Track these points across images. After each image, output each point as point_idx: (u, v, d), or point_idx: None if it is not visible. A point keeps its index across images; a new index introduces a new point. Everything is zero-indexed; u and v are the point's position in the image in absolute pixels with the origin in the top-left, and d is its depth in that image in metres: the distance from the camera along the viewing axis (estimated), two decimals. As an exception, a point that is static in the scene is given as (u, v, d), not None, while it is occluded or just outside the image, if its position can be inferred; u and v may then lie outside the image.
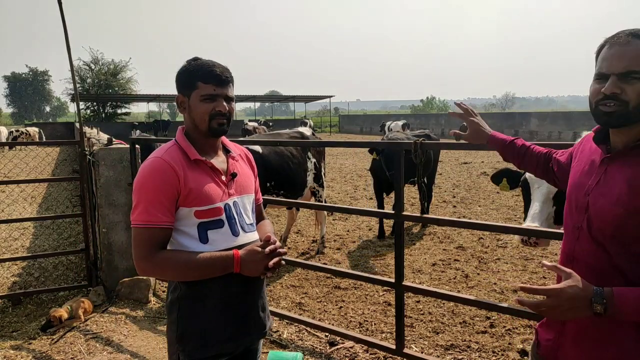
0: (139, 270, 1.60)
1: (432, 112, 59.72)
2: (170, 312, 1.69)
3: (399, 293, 3.10)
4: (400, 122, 23.62)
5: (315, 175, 5.72)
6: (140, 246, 1.56)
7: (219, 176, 1.68)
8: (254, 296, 1.73)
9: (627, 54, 1.26)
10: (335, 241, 6.33)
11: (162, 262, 1.56)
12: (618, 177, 1.31)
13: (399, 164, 3.01)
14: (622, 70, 1.26)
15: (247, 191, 1.79)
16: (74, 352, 3.46)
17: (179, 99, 1.68)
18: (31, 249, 6.36)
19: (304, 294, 4.59)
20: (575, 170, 1.52)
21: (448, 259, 5.46)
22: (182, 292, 1.65)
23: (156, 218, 1.56)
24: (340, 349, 3.44)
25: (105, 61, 44.02)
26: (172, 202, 1.58)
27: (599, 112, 1.31)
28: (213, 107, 1.62)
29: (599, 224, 1.32)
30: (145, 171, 1.59)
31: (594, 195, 1.36)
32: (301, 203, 4.33)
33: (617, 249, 1.29)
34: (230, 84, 1.67)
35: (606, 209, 1.30)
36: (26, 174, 10.74)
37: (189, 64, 1.67)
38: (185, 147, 1.65)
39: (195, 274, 1.59)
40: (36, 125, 31.43)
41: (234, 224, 1.68)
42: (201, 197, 1.61)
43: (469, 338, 3.59)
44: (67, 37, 4.23)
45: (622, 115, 1.27)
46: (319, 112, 68.52)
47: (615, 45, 1.29)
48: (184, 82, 1.66)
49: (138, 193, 1.58)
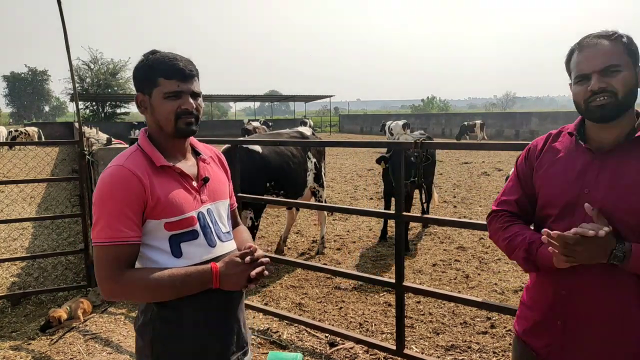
0: (105, 294, 1.42)
1: (432, 111, 59.73)
2: (142, 335, 1.51)
3: (399, 293, 3.09)
4: (401, 122, 23.56)
5: (315, 175, 5.71)
6: (105, 266, 1.39)
7: (189, 182, 1.52)
8: (234, 311, 1.58)
9: (600, 52, 1.39)
10: (335, 241, 6.32)
11: (130, 282, 1.39)
12: (625, 169, 1.38)
13: (400, 163, 3.00)
14: (601, 67, 1.38)
15: (221, 197, 1.63)
16: (73, 353, 3.45)
17: (139, 98, 1.51)
18: (30, 249, 6.35)
19: (304, 294, 4.58)
20: (553, 171, 1.52)
21: (448, 260, 5.45)
22: (155, 313, 1.48)
23: (121, 234, 1.38)
24: (340, 349, 3.43)
25: (104, 61, 44.09)
26: (138, 215, 1.41)
27: (592, 108, 1.40)
28: (179, 105, 1.46)
29: (619, 215, 1.36)
30: (105, 182, 1.42)
31: (597, 190, 1.40)
32: (301, 203, 4.32)
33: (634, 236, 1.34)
34: (195, 77, 1.50)
35: (624, 199, 1.36)
36: (25, 174, 10.72)
37: (146, 57, 1.50)
38: (149, 152, 1.49)
39: (170, 294, 1.42)
40: (35, 125, 31.41)
41: (209, 234, 1.53)
42: (171, 207, 1.45)
43: (470, 339, 3.58)
44: (66, 36, 4.22)
45: (615, 106, 1.38)
46: (319, 111, 68.53)
47: (586, 48, 1.42)
48: (143, 78, 1.49)
49: (98, 207, 1.41)
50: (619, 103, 1.38)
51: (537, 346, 1.55)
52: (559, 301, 1.48)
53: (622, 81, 1.37)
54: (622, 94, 1.37)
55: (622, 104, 1.38)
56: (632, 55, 1.41)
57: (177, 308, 1.47)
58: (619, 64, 1.38)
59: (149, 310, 1.51)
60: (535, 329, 1.57)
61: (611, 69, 1.37)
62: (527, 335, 1.60)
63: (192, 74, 1.49)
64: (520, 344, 1.63)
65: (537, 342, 1.55)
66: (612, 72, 1.37)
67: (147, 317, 1.50)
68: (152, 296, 1.45)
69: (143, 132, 1.56)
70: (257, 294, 4.58)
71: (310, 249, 6.07)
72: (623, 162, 1.39)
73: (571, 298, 1.46)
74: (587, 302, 1.43)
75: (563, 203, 1.46)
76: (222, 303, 1.53)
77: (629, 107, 1.41)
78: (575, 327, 1.45)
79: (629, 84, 1.38)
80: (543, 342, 1.53)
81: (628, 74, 1.38)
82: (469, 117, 30.45)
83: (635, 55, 1.41)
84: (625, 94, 1.38)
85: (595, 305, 1.41)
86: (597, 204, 1.38)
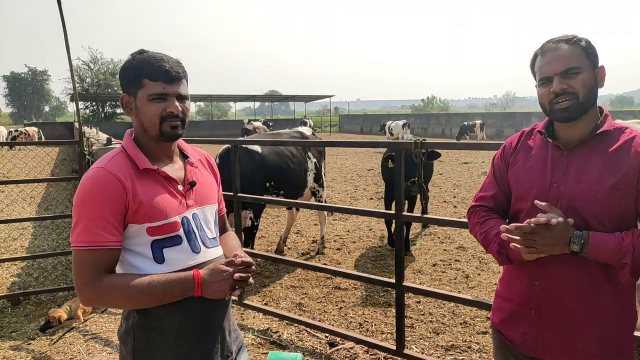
0: (83, 299, 1.38)
1: (432, 111, 59.74)
2: (124, 343, 1.47)
3: (399, 293, 3.10)
4: (401, 122, 23.59)
5: (315, 175, 5.71)
6: (83, 271, 1.34)
7: (175, 186, 1.48)
8: (218, 320, 1.53)
9: (561, 55, 1.48)
10: (335, 241, 6.32)
11: (109, 289, 1.34)
12: (590, 163, 1.48)
13: (399, 164, 3.00)
14: (562, 69, 1.46)
15: (209, 201, 1.59)
16: (73, 353, 3.45)
17: (124, 99, 1.47)
18: (30, 249, 6.35)
19: (304, 294, 4.58)
20: (526, 167, 1.61)
21: (448, 260, 5.45)
22: (135, 321, 1.44)
23: (100, 238, 1.34)
24: (340, 349, 3.43)
25: (104, 61, 44.22)
26: (118, 219, 1.37)
27: (556, 110, 1.49)
28: (164, 107, 1.42)
29: (587, 206, 1.46)
30: (86, 184, 1.38)
31: (566, 184, 1.49)
32: (301, 203, 4.32)
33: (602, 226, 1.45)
34: (182, 79, 1.46)
35: (591, 191, 1.45)
36: (25, 174, 10.72)
37: (133, 58, 1.45)
38: (133, 155, 1.44)
39: (149, 301, 1.38)
40: (35, 125, 31.42)
41: (193, 240, 1.48)
42: (153, 211, 1.41)
43: (470, 339, 3.58)
44: (66, 36, 4.22)
45: (577, 106, 1.46)
46: (319, 111, 68.54)
47: (548, 52, 1.51)
48: (128, 79, 1.44)
49: (78, 209, 1.36)
50: (580, 104, 1.46)
51: (513, 336, 1.63)
52: (533, 292, 1.55)
53: (582, 82, 1.46)
54: (583, 95, 1.46)
55: (583, 104, 1.47)
56: (590, 57, 1.49)
57: (157, 316, 1.43)
58: (578, 66, 1.46)
59: (130, 318, 1.46)
60: (510, 319, 1.64)
61: (571, 71, 1.46)
62: (502, 325, 1.67)
63: (179, 76, 1.45)
64: (497, 335, 1.71)
65: (512, 332, 1.63)
66: (572, 74, 1.46)
67: (129, 324, 1.46)
68: (131, 304, 1.41)
69: (128, 134, 1.52)
70: (257, 294, 4.58)
71: (310, 249, 6.07)
72: (588, 157, 1.49)
73: (544, 288, 1.53)
74: (559, 292, 1.50)
75: (534, 197, 1.52)
76: (205, 311, 1.48)
77: (590, 106, 1.49)
78: (549, 315, 1.53)
79: (589, 84, 1.47)
80: (518, 332, 1.61)
81: (587, 75, 1.47)
82: (469, 117, 30.47)
83: (593, 57, 1.49)
84: (586, 95, 1.46)
85: (567, 294, 1.49)
86: (566, 197, 1.48)
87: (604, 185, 1.44)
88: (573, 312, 1.49)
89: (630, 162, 1.43)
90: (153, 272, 1.41)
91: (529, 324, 1.57)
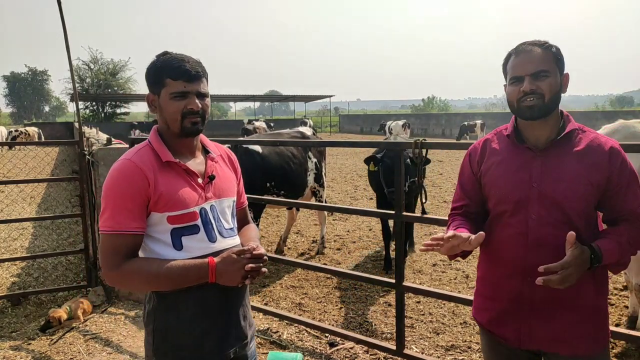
0: (108, 281, 1.52)
1: (432, 111, 59.70)
2: (146, 324, 1.60)
3: (399, 293, 3.10)
4: (401, 122, 23.60)
5: (316, 175, 5.71)
6: (108, 255, 1.47)
7: (195, 179, 1.58)
8: (234, 305, 1.64)
9: (534, 58, 1.57)
10: (335, 241, 6.32)
11: (130, 272, 1.47)
12: (566, 162, 1.57)
13: (399, 164, 3.00)
14: (533, 71, 1.56)
15: (227, 194, 1.68)
16: (73, 353, 3.45)
17: (150, 97, 1.59)
18: (30, 249, 6.35)
19: (304, 294, 4.58)
20: (499, 171, 1.67)
21: (448, 260, 5.44)
22: (155, 304, 1.57)
23: (124, 224, 1.46)
24: (340, 349, 3.43)
25: (104, 61, 44.10)
26: (141, 207, 1.49)
27: (523, 108, 1.58)
28: (184, 105, 1.53)
29: (570, 203, 1.55)
30: (112, 174, 1.51)
31: (547, 183, 1.57)
32: (301, 203, 4.32)
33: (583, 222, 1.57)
34: (202, 78, 1.57)
35: (572, 188, 1.55)
36: (25, 174, 10.71)
37: (157, 59, 1.57)
38: (157, 148, 1.56)
39: (167, 285, 1.49)
40: (35, 125, 31.38)
41: (210, 230, 1.58)
42: (173, 201, 1.51)
43: (470, 338, 3.58)
44: (66, 36, 4.22)
45: (542, 107, 1.56)
46: (319, 112, 68.50)
47: (522, 53, 1.60)
48: (152, 79, 1.56)
49: (106, 198, 1.49)
50: (545, 104, 1.56)
51: (506, 333, 1.67)
52: (525, 288, 1.61)
53: (549, 86, 1.56)
54: (548, 97, 1.56)
55: (547, 105, 1.57)
56: (558, 63, 1.60)
57: (175, 301, 1.54)
58: (548, 69, 1.57)
59: (151, 301, 1.59)
60: (500, 317, 1.69)
61: (541, 74, 1.56)
62: (492, 325, 1.72)
63: (199, 75, 1.55)
64: (487, 334, 1.76)
65: (505, 329, 1.67)
66: (542, 76, 1.56)
67: (150, 307, 1.59)
68: (150, 286, 1.52)
69: (154, 130, 1.63)
70: (257, 294, 4.58)
71: (310, 249, 6.07)
72: (561, 157, 1.59)
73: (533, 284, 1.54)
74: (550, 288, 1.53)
75: (516, 199, 1.61)
76: (220, 298, 1.58)
77: (553, 108, 1.60)
78: (541, 307, 1.60)
79: (554, 89, 1.57)
80: (511, 328, 1.66)
81: (554, 80, 1.58)
82: (469, 117, 30.45)
83: (561, 64, 1.60)
84: (551, 97, 1.57)
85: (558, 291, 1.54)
86: (548, 196, 1.57)
87: (583, 182, 1.55)
88: (562, 300, 1.57)
89: (600, 160, 1.56)
90: (172, 258, 1.51)
91: (521, 319, 1.63)
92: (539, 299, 1.60)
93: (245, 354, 1.71)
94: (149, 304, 1.59)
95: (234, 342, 1.63)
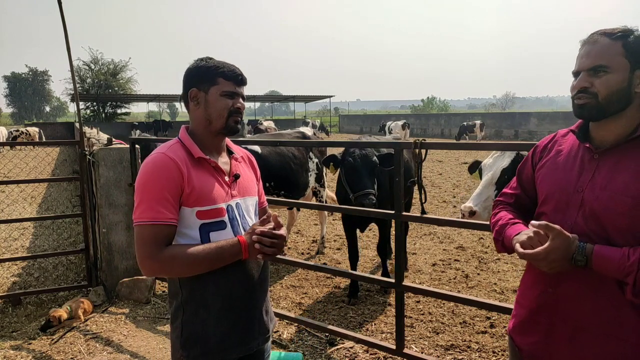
0: (145, 271, 1.54)
1: (432, 112, 59.71)
2: (175, 317, 1.65)
3: (399, 293, 3.10)
4: (400, 122, 23.61)
5: (317, 175, 5.72)
6: (146, 245, 1.50)
7: (222, 177, 1.66)
8: (258, 299, 1.71)
9: (594, 51, 1.37)
10: (335, 241, 6.33)
11: (169, 258, 1.51)
12: (621, 169, 1.35)
13: (399, 163, 3.01)
14: (590, 66, 1.37)
15: (250, 193, 1.76)
16: (73, 352, 3.46)
17: (193, 92, 1.64)
18: (31, 249, 6.36)
19: (304, 294, 4.59)
20: (552, 169, 1.52)
21: (448, 259, 5.46)
22: (184, 297, 1.62)
23: (161, 214, 1.51)
24: (340, 349, 3.44)
25: (105, 61, 44.05)
26: (176, 200, 1.54)
27: (574, 106, 1.42)
28: (233, 103, 1.64)
29: (610, 217, 1.33)
30: (148, 167, 1.55)
31: (592, 190, 1.38)
32: (301, 203, 4.32)
33: (625, 241, 1.30)
34: (246, 85, 1.70)
35: (615, 199, 1.33)
36: (26, 174, 10.73)
37: (206, 61, 1.66)
38: (189, 145, 1.63)
39: (205, 266, 1.54)
40: (36, 125, 31.40)
41: (236, 226, 1.65)
42: (204, 196, 1.58)
43: (469, 338, 3.59)
44: (67, 37, 4.23)
45: (594, 107, 1.37)
46: (319, 112, 68.54)
47: (586, 45, 1.41)
48: (202, 76, 1.63)
49: (141, 190, 1.53)
50: (599, 105, 1.35)
51: (522, 343, 1.54)
52: (547, 299, 1.46)
53: (606, 83, 1.34)
54: (603, 96, 1.34)
55: (602, 106, 1.35)
56: (630, 57, 1.34)
57: (203, 292, 1.60)
58: (607, 65, 1.34)
59: (178, 295, 1.63)
60: (522, 326, 1.56)
61: (598, 69, 1.35)
62: (514, 332, 1.59)
63: (245, 81, 1.69)
64: (510, 341, 1.63)
65: (523, 340, 1.54)
66: (599, 72, 1.35)
67: (179, 300, 1.63)
68: (190, 270, 1.55)
69: (184, 129, 1.70)
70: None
71: (310, 249, 6.08)
72: (619, 163, 1.36)
73: (559, 296, 1.43)
74: (574, 301, 1.40)
75: (556, 201, 1.45)
76: (245, 290, 1.66)
77: (613, 110, 1.36)
78: (561, 326, 1.42)
79: (613, 87, 1.34)
80: (528, 340, 1.52)
81: (615, 76, 1.34)
82: (468, 117, 30.46)
83: (634, 57, 1.34)
84: (607, 97, 1.34)
85: (582, 304, 1.38)
86: (587, 205, 1.37)
87: (630, 195, 1.30)
88: (588, 325, 1.37)
89: None
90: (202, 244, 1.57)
91: (539, 333, 1.48)
92: (560, 315, 1.42)
93: (263, 348, 1.79)
94: (177, 298, 1.64)
95: (257, 335, 1.71)
